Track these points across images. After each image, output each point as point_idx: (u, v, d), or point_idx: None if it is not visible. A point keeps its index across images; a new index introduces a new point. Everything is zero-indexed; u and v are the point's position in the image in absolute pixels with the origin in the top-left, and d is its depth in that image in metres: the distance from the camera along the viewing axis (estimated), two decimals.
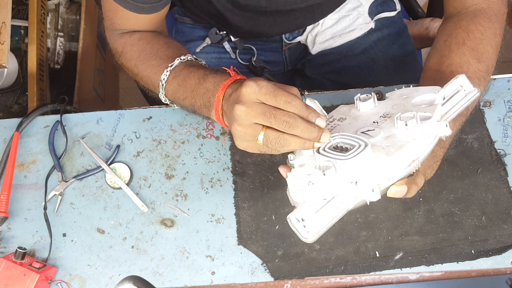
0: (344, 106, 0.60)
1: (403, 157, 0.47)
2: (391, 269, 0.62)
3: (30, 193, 0.70)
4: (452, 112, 0.52)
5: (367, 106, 0.56)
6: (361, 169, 0.47)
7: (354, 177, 0.46)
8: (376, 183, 0.46)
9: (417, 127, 0.48)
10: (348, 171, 0.47)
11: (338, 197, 0.47)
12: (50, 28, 1.13)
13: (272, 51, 0.92)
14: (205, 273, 0.64)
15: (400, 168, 0.47)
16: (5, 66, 0.91)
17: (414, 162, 0.47)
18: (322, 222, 0.46)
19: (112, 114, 0.75)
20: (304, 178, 0.48)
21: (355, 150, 0.47)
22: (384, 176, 0.47)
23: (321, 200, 0.47)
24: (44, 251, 0.66)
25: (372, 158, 0.47)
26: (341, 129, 0.54)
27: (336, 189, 0.47)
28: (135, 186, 0.70)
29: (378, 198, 0.46)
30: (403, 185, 0.50)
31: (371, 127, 0.51)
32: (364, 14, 0.87)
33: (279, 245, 0.64)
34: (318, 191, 0.47)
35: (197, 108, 0.60)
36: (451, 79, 0.53)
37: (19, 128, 0.73)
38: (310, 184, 0.47)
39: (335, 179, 0.46)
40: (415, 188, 0.52)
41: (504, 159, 0.67)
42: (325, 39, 0.88)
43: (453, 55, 0.61)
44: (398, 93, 0.57)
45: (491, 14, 0.63)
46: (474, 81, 0.59)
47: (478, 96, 0.53)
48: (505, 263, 0.61)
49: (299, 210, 0.47)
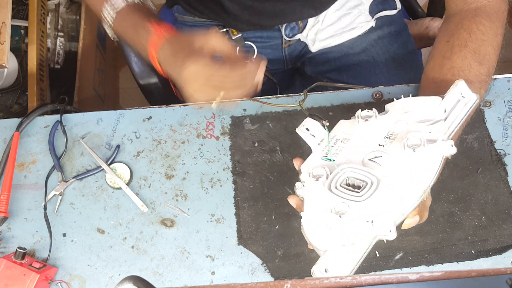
0: (345, 122, 0.58)
1: (415, 190, 0.47)
2: (391, 269, 0.62)
3: (30, 193, 0.70)
4: (455, 124, 0.51)
5: (369, 125, 0.55)
6: (376, 208, 0.47)
7: (370, 217, 0.46)
8: (392, 220, 0.46)
9: (424, 152, 0.48)
10: (363, 212, 0.47)
11: (358, 241, 0.46)
12: (50, 28, 1.13)
13: (272, 49, 0.92)
14: (205, 273, 0.64)
15: (413, 201, 0.47)
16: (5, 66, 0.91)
17: (425, 191, 0.47)
18: (347, 270, 0.46)
19: (112, 114, 0.75)
20: (320, 220, 0.48)
21: (368, 189, 0.47)
22: (399, 212, 0.47)
23: (341, 246, 0.46)
24: (44, 251, 0.66)
25: (385, 195, 0.47)
26: (347, 154, 0.54)
27: (353, 232, 0.46)
28: (135, 186, 0.70)
29: (395, 236, 0.45)
30: (416, 216, 0.50)
31: (377, 152, 0.51)
32: (365, 12, 0.87)
33: (279, 245, 0.64)
34: (336, 237, 0.47)
35: (136, 45, 0.65)
36: (451, 87, 0.52)
37: (19, 128, 0.73)
38: (327, 228, 0.47)
39: (351, 221, 0.46)
40: (426, 213, 0.52)
41: (504, 159, 0.67)
42: (325, 37, 0.88)
43: (455, 57, 0.61)
44: (398, 106, 0.56)
45: (492, 12, 0.63)
46: (475, 84, 0.59)
47: (478, 102, 0.53)
48: (505, 263, 0.61)
49: (322, 262, 0.46)
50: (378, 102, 0.71)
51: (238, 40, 0.89)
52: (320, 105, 0.72)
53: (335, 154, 0.54)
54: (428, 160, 0.48)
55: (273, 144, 0.70)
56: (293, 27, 0.89)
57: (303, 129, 0.58)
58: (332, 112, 0.71)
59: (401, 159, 0.49)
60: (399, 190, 0.47)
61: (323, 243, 0.47)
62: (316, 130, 0.58)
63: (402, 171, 0.48)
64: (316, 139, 0.57)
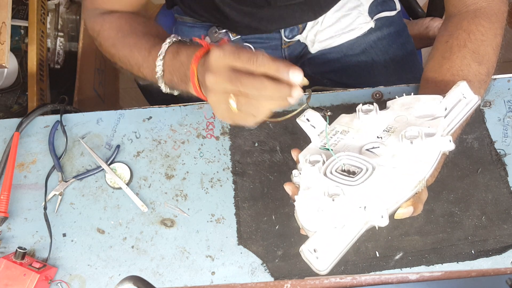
0: (346, 116, 0.59)
1: (410, 180, 0.47)
2: (391, 269, 0.62)
3: (30, 193, 0.70)
4: (454, 123, 0.52)
5: (369, 118, 0.56)
6: (369, 194, 0.47)
7: (363, 202, 0.46)
8: (385, 208, 0.46)
9: (422, 144, 0.48)
10: (356, 197, 0.47)
11: (349, 224, 0.46)
12: (50, 28, 1.13)
13: (271, 49, 0.92)
14: (205, 273, 0.64)
15: (407, 191, 0.47)
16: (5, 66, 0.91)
17: (420, 183, 0.47)
18: (335, 252, 0.46)
19: (112, 114, 0.75)
20: (313, 203, 0.48)
21: (363, 175, 0.47)
22: (392, 200, 0.47)
23: (332, 228, 0.46)
24: (44, 251, 0.66)
25: (379, 182, 0.47)
26: (345, 144, 0.54)
27: (345, 215, 0.46)
28: (135, 186, 0.70)
29: (387, 223, 0.46)
30: (409, 207, 0.50)
31: (375, 143, 0.51)
32: (364, 13, 0.87)
33: (279, 245, 0.64)
34: (328, 219, 0.47)
35: (176, 84, 0.58)
36: (453, 87, 0.52)
37: (19, 128, 0.73)
38: (320, 211, 0.47)
39: (344, 204, 0.46)
40: (421, 206, 0.52)
41: (504, 159, 0.67)
42: (325, 38, 0.88)
43: (454, 57, 0.61)
44: (399, 102, 0.56)
45: (491, 13, 0.63)
46: (474, 84, 0.59)
47: (479, 103, 0.53)
48: (505, 263, 0.61)
49: (311, 241, 0.46)
50: (378, 102, 0.71)
51: (237, 41, 0.89)
52: (320, 105, 0.72)
53: (334, 145, 0.54)
54: (425, 153, 0.48)
55: (273, 144, 0.70)
56: (293, 29, 0.89)
57: (304, 119, 0.58)
58: (332, 112, 0.71)
59: (398, 150, 0.49)
60: (394, 178, 0.47)
61: (314, 224, 0.47)
62: (316, 121, 0.58)
63: (398, 161, 0.48)
64: (316, 130, 0.57)
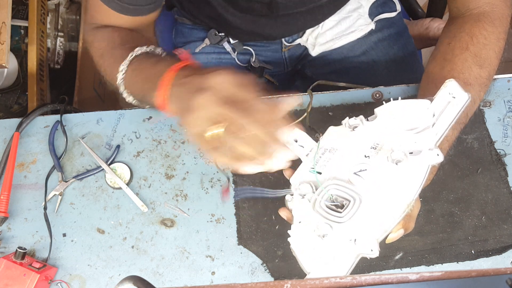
0: (334, 128, 0.57)
1: (398, 206, 0.48)
2: (391, 269, 0.62)
3: (30, 193, 0.70)
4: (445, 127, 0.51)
5: (356, 135, 0.55)
6: (358, 227, 0.48)
7: (352, 236, 0.47)
8: (374, 239, 0.47)
9: (408, 165, 0.48)
10: (345, 231, 0.48)
11: (341, 259, 0.48)
12: (50, 28, 1.13)
13: (272, 52, 0.92)
14: (205, 273, 0.64)
15: (396, 218, 0.48)
16: (5, 66, 0.91)
17: (409, 206, 0.48)
18: None
19: (112, 114, 0.75)
20: (306, 242, 0.49)
21: (350, 209, 0.48)
22: (381, 229, 0.48)
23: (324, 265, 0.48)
24: (44, 251, 0.66)
25: (367, 214, 0.48)
26: (334, 165, 0.54)
27: (336, 250, 0.48)
28: (135, 186, 0.70)
29: (377, 255, 0.47)
30: (400, 230, 0.51)
31: (362, 165, 0.51)
32: (365, 15, 0.87)
33: (279, 245, 0.64)
34: (319, 258, 0.48)
35: (146, 91, 0.55)
36: (440, 88, 0.52)
37: (19, 128, 0.73)
38: (312, 250, 0.48)
39: (333, 241, 0.48)
40: (412, 224, 0.52)
41: (504, 159, 0.67)
42: (325, 41, 0.88)
43: (455, 60, 0.61)
44: (387, 110, 0.55)
45: (495, 18, 0.63)
46: (475, 87, 0.59)
47: (469, 102, 0.52)
48: (505, 263, 0.61)
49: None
50: (378, 102, 0.71)
51: (236, 45, 0.89)
52: (320, 105, 0.72)
53: (323, 166, 0.54)
54: (413, 172, 0.48)
55: None
56: None
57: (292, 142, 0.57)
58: (332, 112, 0.71)
59: (384, 173, 0.50)
60: (381, 207, 0.48)
61: (309, 264, 0.49)
62: (304, 140, 0.57)
63: (385, 185, 0.49)
64: (304, 150, 0.56)
